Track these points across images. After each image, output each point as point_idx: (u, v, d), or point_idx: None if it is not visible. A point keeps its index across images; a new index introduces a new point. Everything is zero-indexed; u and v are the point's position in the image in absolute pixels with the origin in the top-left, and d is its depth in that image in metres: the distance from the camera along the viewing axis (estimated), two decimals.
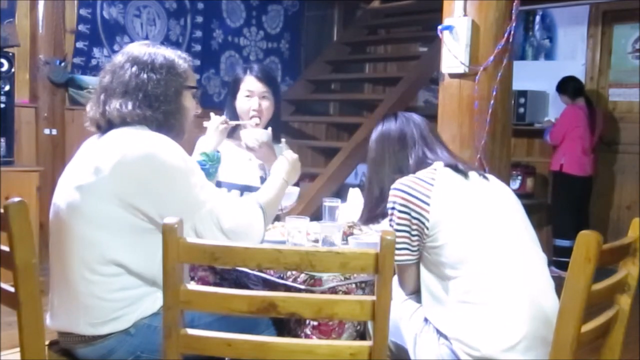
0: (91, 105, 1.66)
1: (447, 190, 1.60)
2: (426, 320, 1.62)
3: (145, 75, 1.62)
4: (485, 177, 1.71)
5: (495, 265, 1.53)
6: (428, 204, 1.57)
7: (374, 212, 1.83)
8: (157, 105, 1.63)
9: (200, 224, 1.55)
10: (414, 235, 1.59)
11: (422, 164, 1.71)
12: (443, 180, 1.62)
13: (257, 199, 1.74)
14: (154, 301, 1.56)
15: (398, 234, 1.57)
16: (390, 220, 1.64)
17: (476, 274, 1.52)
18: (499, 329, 1.48)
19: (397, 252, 1.56)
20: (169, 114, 1.65)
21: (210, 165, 2.30)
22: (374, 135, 1.84)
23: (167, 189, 1.53)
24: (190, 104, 1.76)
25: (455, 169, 1.66)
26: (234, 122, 2.43)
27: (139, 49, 1.68)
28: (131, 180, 1.51)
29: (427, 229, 1.57)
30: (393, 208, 1.62)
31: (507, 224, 1.61)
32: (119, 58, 1.67)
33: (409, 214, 1.58)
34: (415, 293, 1.68)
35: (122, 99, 1.60)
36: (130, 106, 1.59)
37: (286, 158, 1.98)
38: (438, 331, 1.57)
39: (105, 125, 1.62)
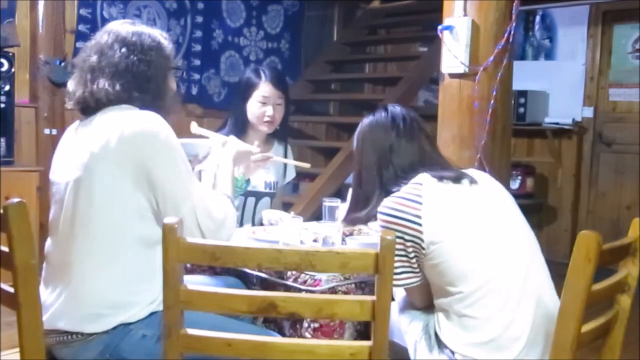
0: (76, 84, 1.64)
1: (437, 207, 1.52)
2: (426, 327, 1.60)
3: (135, 58, 1.62)
4: (475, 182, 1.60)
5: (495, 278, 1.48)
6: (420, 224, 1.50)
7: (356, 214, 1.75)
8: (147, 86, 1.63)
9: (190, 213, 1.54)
10: (412, 257, 1.53)
11: (406, 174, 1.62)
12: (431, 196, 1.53)
13: (224, 192, 1.74)
14: (140, 309, 1.54)
15: (395, 258, 1.45)
16: None
17: (475, 290, 1.47)
18: (500, 342, 1.46)
19: (399, 277, 1.54)
20: (157, 95, 1.65)
21: (237, 190, 2.19)
22: (359, 128, 1.77)
23: (165, 167, 1.53)
24: (174, 84, 1.76)
25: (441, 179, 1.57)
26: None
27: (125, 28, 1.66)
28: (131, 156, 1.51)
29: (424, 249, 1.50)
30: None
31: (503, 231, 1.55)
32: (105, 37, 1.65)
33: (402, 237, 1.51)
34: (428, 305, 1.63)
35: (111, 80, 1.59)
36: (118, 87, 1.59)
37: (234, 144, 1.99)
38: (438, 340, 1.55)
39: (93, 104, 1.61)
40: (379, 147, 1.68)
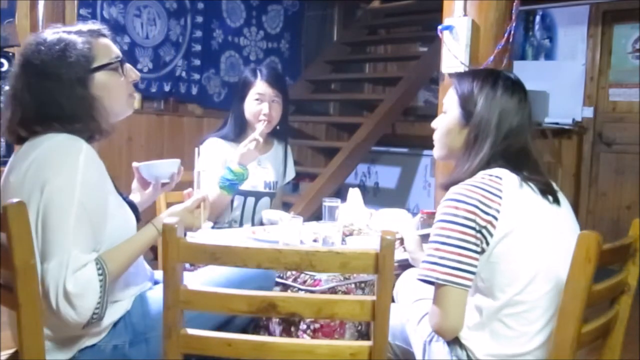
0: (4, 119, 1.52)
1: (515, 207, 1.43)
2: None
3: (39, 84, 1.45)
4: (557, 202, 1.52)
5: (545, 297, 1.41)
6: (497, 219, 1.40)
7: (461, 175, 1.53)
8: (59, 112, 1.45)
9: (53, 271, 1.34)
10: (478, 253, 1.40)
11: (507, 154, 1.51)
12: (511, 194, 1.44)
13: (107, 263, 1.41)
14: (95, 334, 1.49)
15: (461, 251, 1.39)
16: (442, 235, 1.41)
17: (526, 301, 1.41)
18: (524, 355, 1.43)
19: (458, 273, 1.39)
20: (76, 118, 1.46)
21: (237, 182, 2.29)
22: (490, 88, 1.64)
23: (56, 207, 1.36)
24: (112, 84, 1.52)
25: (525, 181, 1.48)
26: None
27: (34, 45, 1.47)
28: (38, 188, 1.38)
29: (488, 244, 1.40)
30: (447, 221, 1.42)
31: (562, 256, 1.42)
32: (16, 65, 1.50)
33: (474, 228, 1.40)
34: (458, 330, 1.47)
35: (22, 114, 1.47)
36: (30, 122, 1.47)
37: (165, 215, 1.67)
38: (455, 341, 1.49)
39: (12, 140, 1.54)
40: (504, 117, 1.60)
